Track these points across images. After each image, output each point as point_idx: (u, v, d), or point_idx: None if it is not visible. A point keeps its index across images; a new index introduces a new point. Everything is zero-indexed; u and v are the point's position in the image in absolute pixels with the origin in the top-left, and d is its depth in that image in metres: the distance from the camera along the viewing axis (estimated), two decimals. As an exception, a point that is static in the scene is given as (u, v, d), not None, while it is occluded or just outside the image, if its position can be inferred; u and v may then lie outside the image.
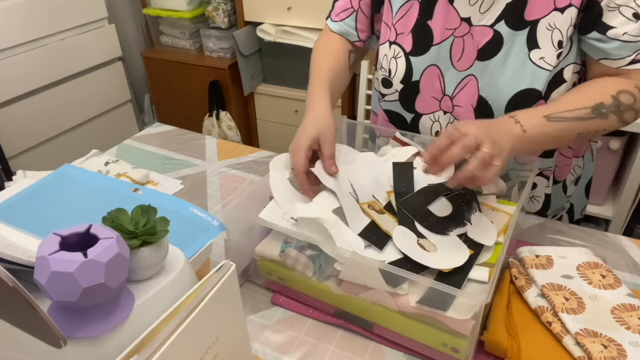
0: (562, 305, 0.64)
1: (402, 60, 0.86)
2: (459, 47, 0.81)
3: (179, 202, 0.80)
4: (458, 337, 0.60)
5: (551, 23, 0.74)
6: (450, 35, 0.81)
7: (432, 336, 0.63)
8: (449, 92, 0.84)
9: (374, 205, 0.74)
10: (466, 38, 0.80)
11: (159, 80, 2.47)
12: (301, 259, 0.68)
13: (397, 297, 0.63)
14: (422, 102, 0.88)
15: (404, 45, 0.85)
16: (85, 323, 0.50)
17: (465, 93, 0.83)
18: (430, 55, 0.83)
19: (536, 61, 0.76)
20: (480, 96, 0.81)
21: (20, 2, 1.81)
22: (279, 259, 0.70)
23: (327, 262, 0.67)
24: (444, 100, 0.86)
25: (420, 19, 0.83)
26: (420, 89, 0.86)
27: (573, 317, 0.63)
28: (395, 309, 0.63)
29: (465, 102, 0.83)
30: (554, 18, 0.74)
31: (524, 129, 0.69)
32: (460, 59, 0.82)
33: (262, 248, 0.72)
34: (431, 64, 0.84)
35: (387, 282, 0.62)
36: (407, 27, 0.85)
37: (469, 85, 0.82)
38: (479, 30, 0.79)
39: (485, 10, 0.78)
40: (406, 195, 0.76)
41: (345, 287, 0.67)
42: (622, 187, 1.74)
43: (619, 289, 0.67)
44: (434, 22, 0.82)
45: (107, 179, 0.89)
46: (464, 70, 0.82)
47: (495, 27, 0.78)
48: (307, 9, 2.04)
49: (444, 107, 0.86)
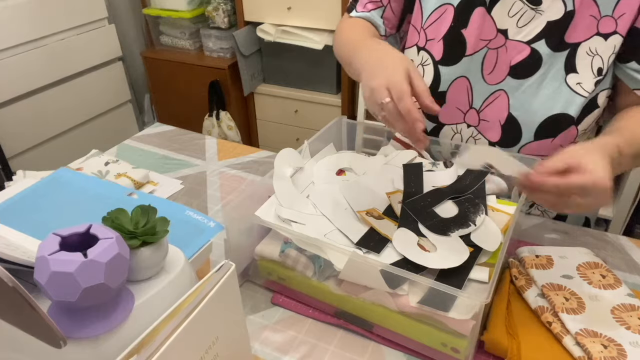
0: (562, 305, 0.64)
1: (430, 68, 0.81)
2: (491, 60, 0.78)
3: (175, 205, 0.79)
4: (458, 337, 0.60)
5: (592, 48, 0.72)
6: (484, 47, 0.78)
7: (432, 336, 0.62)
8: (476, 106, 0.81)
9: (372, 212, 0.74)
10: (500, 51, 0.77)
11: (159, 80, 2.47)
12: (301, 259, 0.68)
13: (397, 298, 0.62)
14: (446, 113, 0.85)
15: (434, 52, 0.81)
16: (85, 323, 0.50)
17: (494, 108, 0.80)
18: (461, 66, 0.79)
19: (572, 86, 0.74)
20: (510, 114, 0.78)
21: (20, 2, 1.81)
22: (279, 259, 0.70)
23: (327, 263, 0.67)
24: (470, 113, 0.83)
25: (454, 26, 0.78)
26: (447, 100, 0.82)
27: (573, 317, 0.63)
28: (396, 309, 0.63)
29: (492, 118, 0.81)
30: (595, 43, 0.72)
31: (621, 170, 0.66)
32: (491, 73, 0.78)
33: (262, 248, 0.72)
34: (461, 75, 0.80)
35: (387, 282, 0.62)
36: (438, 33, 0.80)
37: (498, 100, 0.79)
38: (515, 45, 0.76)
39: (523, 25, 0.74)
40: (414, 196, 0.75)
41: (345, 287, 0.66)
42: (622, 187, 1.74)
43: (619, 289, 0.67)
44: (468, 31, 0.77)
45: (102, 182, 0.89)
46: (494, 85, 0.79)
47: (533, 45, 0.75)
48: (307, 9, 2.04)
49: (469, 120, 0.83)
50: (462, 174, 0.79)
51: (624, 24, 0.70)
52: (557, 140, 0.78)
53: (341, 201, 0.76)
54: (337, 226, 0.71)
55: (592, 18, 0.72)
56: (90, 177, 0.92)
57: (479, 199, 0.74)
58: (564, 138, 0.78)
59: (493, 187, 0.78)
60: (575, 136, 0.78)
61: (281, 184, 0.77)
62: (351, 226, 0.71)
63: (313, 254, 0.68)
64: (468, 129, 0.85)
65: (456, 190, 0.76)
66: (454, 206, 0.73)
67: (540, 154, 0.80)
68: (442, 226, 0.70)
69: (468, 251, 0.65)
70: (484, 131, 0.83)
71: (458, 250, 0.66)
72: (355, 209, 0.74)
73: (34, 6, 1.86)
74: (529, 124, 0.78)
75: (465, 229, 0.69)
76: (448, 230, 0.69)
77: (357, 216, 0.73)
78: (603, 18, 0.71)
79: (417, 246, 0.67)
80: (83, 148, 1.20)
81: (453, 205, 0.74)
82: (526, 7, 0.74)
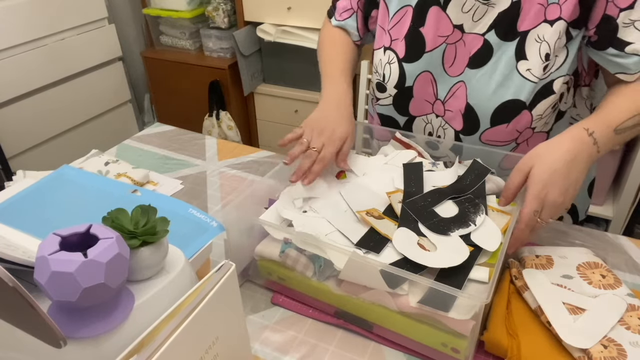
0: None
1: (396, 66, 0.87)
2: (451, 54, 0.83)
3: (178, 203, 0.80)
4: (458, 337, 0.60)
5: (540, 35, 0.75)
6: (443, 43, 0.83)
7: (432, 336, 0.62)
8: (441, 97, 0.86)
9: (372, 212, 0.74)
10: (458, 45, 0.82)
11: (159, 80, 2.47)
12: (301, 259, 0.68)
13: (397, 298, 0.63)
14: (415, 106, 0.89)
15: (398, 51, 0.86)
16: (85, 323, 0.50)
17: (456, 99, 0.84)
18: (422, 61, 0.84)
19: (523, 72, 0.77)
20: (467, 103, 0.83)
21: (21, 2, 1.81)
22: (279, 259, 0.70)
23: (327, 263, 0.67)
24: (437, 104, 0.87)
25: (413, 26, 0.84)
26: (414, 94, 0.88)
27: (574, 317, 0.63)
28: (396, 309, 0.63)
29: (455, 108, 0.85)
30: (543, 30, 0.75)
31: (598, 150, 0.69)
32: (452, 65, 0.83)
33: (262, 248, 0.72)
34: (424, 70, 0.85)
35: (387, 282, 0.62)
36: (400, 33, 0.86)
37: (459, 91, 0.83)
38: (472, 38, 0.80)
39: (478, 19, 0.79)
40: (415, 196, 0.76)
41: (345, 287, 0.67)
42: (622, 187, 1.74)
43: (619, 289, 0.67)
44: (426, 29, 0.83)
45: (105, 180, 0.89)
46: (455, 76, 0.84)
47: (485, 36, 0.79)
48: (307, 9, 2.04)
49: (436, 110, 0.88)
50: (463, 174, 0.79)
51: (567, 10, 0.73)
52: (512, 125, 0.82)
53: (340, 203, 0.76)
54: (336, 227, 0.71)
55: (540, 6, 0.75)
56: (93, 174, 0.92)
57: (479, 198, 0.74)
58: (517, 123, 0.82)
59: (493, 187, 0.78)
60: (530, 121, 0.81)
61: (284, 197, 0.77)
62: (351, 227, 0.71)
63: (313, 254, 0.68)
64: (437, 119, 0.89)
65: (456, 190, 0.76)
66: (454, 206, 0.74)
67: (498, 139, 0.85)
68: (442, 226, 0.70)
69: (468, 251, 0.65)
70: (449, 121, 0.87)
71: (458, 250, 0.66)
72: (354, 210, 0.74)
73: (34, 6, 1.86)
74: (484, 111, 0.82)
75: (465, 228, 0.69)
76: (448, 230, 0.69)
77: (356, 217, 0.73)
78: (550, 5, 0.74)
79: (417, 245, 0.67)
80: (83, 148, 1.20)
81: (453, 205, 0.74)
82: (478, 3, 0.78)
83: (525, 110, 0.79)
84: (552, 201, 0.65)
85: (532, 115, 0.80)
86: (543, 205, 0.65)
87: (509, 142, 0.85)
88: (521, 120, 0.81)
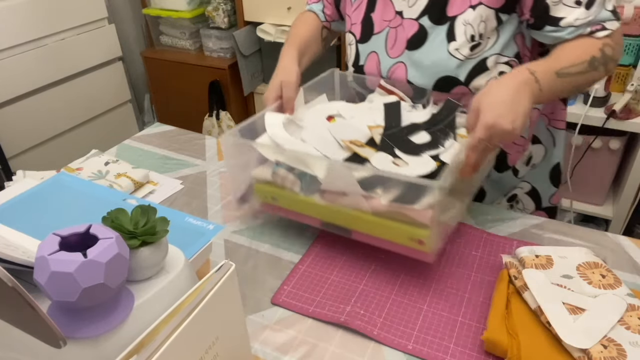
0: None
1: (354, 47, 1.00)
2: (392, 37, 0.93)
3: (174, 212, 0.80)
4: (421, 227, 0.68)
5: (466, 19, 0.84)
6: (387, 27, 0.94)
7: (400, 232, 0.70)
8: (384, 75, 0.97)
9: (355, 142, 0.81)
10: (399, 29, 0.92)
11: (159, 80, 2.47)
12: (289, 176, 0.77)
13: (371, 200, 0.71)
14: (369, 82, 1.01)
15: (355, 33, 0.99)
16: (85, 323, 0.50)
17: (396, 78, 0.94)
18: (371, 43, 0.96)
19: (452, 52, 0.86)
20: (408, 81, 0.93)
21: (20, 2, 1.81)
22: (270, 179, 0.79)
23: (312, 179, 0.75)
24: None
25: (366, 11, 0.96)
26: (365, 72, 0.99)
27: (574, 317, 0.63)
28: (369, 210, 0.71)
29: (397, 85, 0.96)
30: (467, 15, 0.83)
31: (540, 88, 0.75)
32: (393, 47, 0.93)
33: (257, 172, 0.81)
34: (372, 51, 0.96)
35: (362, 186, 0.70)
36: (358, 18, 0.98)
37: (398, 71, 0.93)
38: (409, 23, 0.90)
39: (412, 5, 0.89)
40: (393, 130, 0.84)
41: (327, 197, 0.75)
42: (622, 187, 1.74)
43: (619, 289, 0.67)
44: (375, 14, 0.95)
45: (100, 187, 0.89)
46: (395, 58, 0.93)
47: (419, 20, 0.88)
48: (307, 9, 2.04)
49: None
50: (437, 112, 0.88)
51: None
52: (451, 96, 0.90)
53: (328, 137, 0.83)
54: (323, 153, 0.79)
55: None
56: (88, 181, 0.92)
57: (449, 128, 0.83)
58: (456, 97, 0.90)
59: (463, 122, 0.84)
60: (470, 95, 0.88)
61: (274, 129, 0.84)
62: (335, 152, 0.80)
63: (300, 172, 0.77)
64: None
65: (430, 124, 0.85)
66: (427, 135, 0.82)
67: None
68: (415, 149, 0.79)
69: (435, 164, 0.74)
70: None
71: (426, 164, 0.75)
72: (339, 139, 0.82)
73: (34, 6, 1.86)
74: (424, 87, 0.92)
75: (435, 150, 0.78)
76: (420, 152, 0.78)
77: (341, 145, 0.81)
78: None
79: (392, 164, 0.76)
80: (83, 148, 1.20)
81: (426, 134, 0.83)
82: None
83: (461, 86, 0.88)
84: (502, 129, 0.69)
85: (470, 90, 0.88)
86: (492, 132, 0.70)
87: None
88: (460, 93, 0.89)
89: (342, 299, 0.73)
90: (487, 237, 0.85)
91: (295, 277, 0.77)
